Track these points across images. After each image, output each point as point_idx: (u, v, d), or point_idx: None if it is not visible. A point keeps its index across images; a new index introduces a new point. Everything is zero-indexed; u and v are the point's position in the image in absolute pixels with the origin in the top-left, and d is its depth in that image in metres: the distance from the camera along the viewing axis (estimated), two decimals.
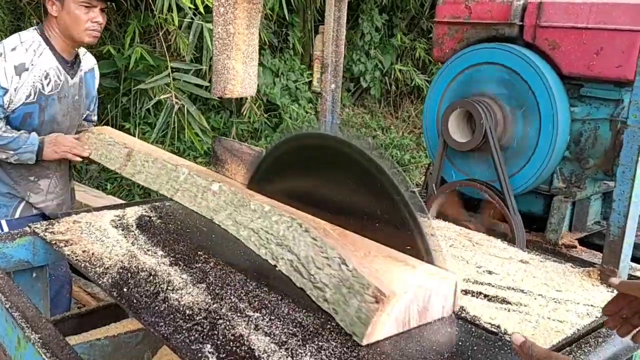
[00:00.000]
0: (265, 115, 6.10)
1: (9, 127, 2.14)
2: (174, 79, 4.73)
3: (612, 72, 2.39)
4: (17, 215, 2.25)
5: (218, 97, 1.86)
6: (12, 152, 2.13)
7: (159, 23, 4.77)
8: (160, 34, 4.74)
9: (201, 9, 4.49)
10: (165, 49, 4.75)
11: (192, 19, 4.74)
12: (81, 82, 2.34)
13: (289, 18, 6.40)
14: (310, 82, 6.66)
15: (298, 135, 1.71)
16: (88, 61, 2.42)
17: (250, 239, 1.56)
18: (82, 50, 2.38)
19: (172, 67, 4.73)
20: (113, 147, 2.15)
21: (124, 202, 3.96)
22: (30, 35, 2.15)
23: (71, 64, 2.26)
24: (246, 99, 5.56)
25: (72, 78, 2.27)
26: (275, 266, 1.47)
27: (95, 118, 2.59)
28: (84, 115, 2.46)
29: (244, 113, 5.64)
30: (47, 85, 2.17)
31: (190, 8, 4.62)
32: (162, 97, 4.75)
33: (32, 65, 2.12)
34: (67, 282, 2.49)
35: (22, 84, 2.10)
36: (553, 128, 2.46)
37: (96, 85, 2.51)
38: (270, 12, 5.74)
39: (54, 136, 2.20)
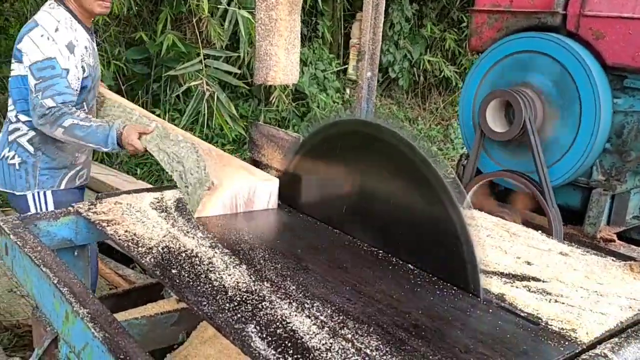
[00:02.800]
0: (294, 104, 6.11)
1: (83, 113, 2.14)
2: (205, 66, 4.76)
3: None
4: (62, 187, 2.31)
5: (260, 84, 1.89)
6: (99, 146, 2.12)
7: (192, 10, 4.79)
8: (194, 20, 4.77)
9: None
10: (198, 35, 4.78)
11: (227, 6, 4.76)
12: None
13: (320, 5, 6.37)
14: (340, 71, 6.65)
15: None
16: None
17: (163, 159, 2.05)
18: None
19: (204, 54, 4.75)
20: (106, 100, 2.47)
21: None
22: (60, 13, 2.16)
23: (92, 32, 2.32)
24: (275, 87, 5.57)
25: (96, 45, 2.34)
26: (172, 176, 2.00)
27: None
28: None
29: (273, 101, 5.65)
30: (89, 57, 2.22)
31: None
32: (192, 83, 4.78)
33: (77, 41, 2.16)
34: (95, 263, 2.53)
35: (77, 60, 2.15)
36: (595, 120, 2.41)
37: None
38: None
39: (132, 137, 2.13)
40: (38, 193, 2.27)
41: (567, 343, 1.22)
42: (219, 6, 4.78)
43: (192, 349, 1.93)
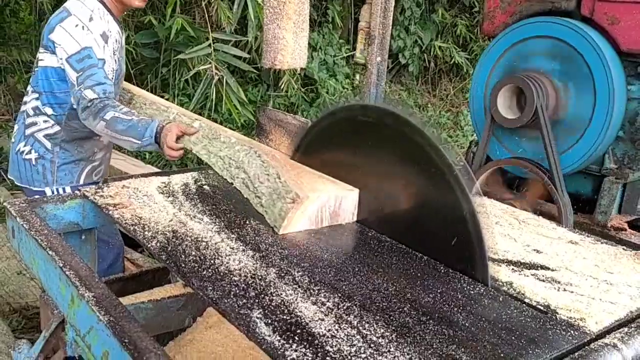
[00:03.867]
0: (303, 90, 6.07)
1: (124, 106, 2.09)
2: (214, 50, 4.74)
3: None
4: (81, 182, 2.28)
5: (268, 68, 1.86)
6: (137, 142, 2.00)
7: None
8: (203, 4, 4.73)
9: None
10: (207, 18, 4.75)
11: None
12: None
13: None
14: (350, 56, 6.59)
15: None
16: None
17: (217, 164, 1.89)
18: None
19: (213, 38, 4.72)
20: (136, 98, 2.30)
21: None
22: (93, 3, 2.13)
23: (121, 26, 2.29)
24: (284, 72, 5.53)
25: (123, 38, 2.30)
26: (232, 183, 1.84)
27: None
28: None
29: (282, 87, 5.62)
30: (118, 50, 2.20)
31: None
32: (201, 68, 4.76)
33: (110, 32, 2.13)
34: (122, 251, 2.54)
35: (111, 51, 2.13)
36: (608, 106, 2.37)
37: None
38: None
39: (165, 128, 2.02)
40: (56, 190, 2.24)
41: (575, 332, 1.21)
42: None
43: (197, 334, 1.94)
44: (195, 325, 1.99)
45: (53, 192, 2.23)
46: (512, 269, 1.49)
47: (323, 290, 1.27)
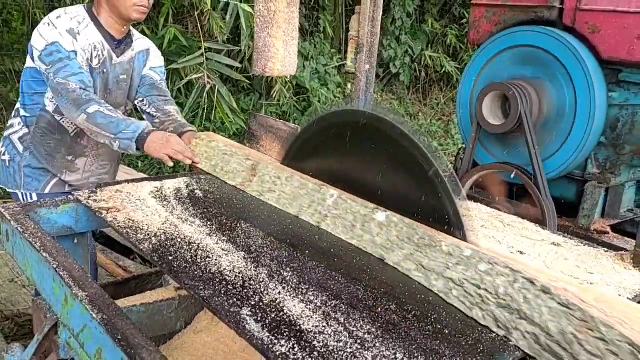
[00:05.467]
0: (295, 99, 6.13)
1: (110, 105, 2.06)
2: (207, 59, 4.79)
3: None
4: (47, 191, 2.24)
5: (260, 77, 1.89)
6: (111, 136, 1.99)
7: (193, 3, 4.81)
8: (196, 14, 4.78)
9: None
10: (200, 28, 4.80)
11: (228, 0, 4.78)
12: (131, 63, 2.27)
13: (324, 0, 6.39)
14: (342, 66, 6.66)
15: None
16: (142, 43, 2.34)
17: (452, 292, 1.20)
18: (136, 35, 2.32)
19: (205, 47, 4.77)
20: (231, 157, 1.90)
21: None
22: (75, 9, 2.14)
23: (119, 43, 2.21)
24: (276, 81, 5.59)
25: (118, 57, 2.21)
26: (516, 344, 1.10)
27: (174, 112, 2.33)
28: (133, 99, 2.36)
29: (274, 96, 5.67)
30: (95, 58, 2.14)
31: None
32: (194, 76, 4.81)
33: (79, 32, 2.09)
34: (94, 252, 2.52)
35: (81, 46, 2.08)
36: (590, 113, 2.43)
37: (150, 66, 2.35)
38: None
39: (164, 134, 2.02)
40: (25, 194, 2.23)
41: None
42: (220, 0, 4.80)
43: (188, 338, 1.95)
44: (185, 329, 2.01)
45: (23, 196, 2.23)
46: None
47: (312, 289, 1.30)
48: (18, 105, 2.23)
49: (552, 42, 2.56)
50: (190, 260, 1.41)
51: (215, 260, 1.42)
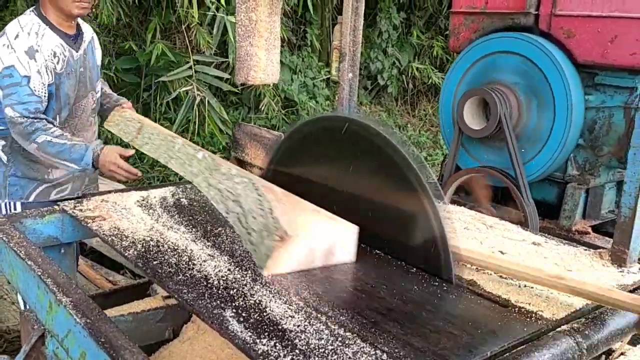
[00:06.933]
0: (283, 112, 6.17)
1: (58, 129, 2.12)
2: (195, 72, 4.83)
3: (627, 60, 2.40)
4: (31, 199, 2.25)
5: (241, 84, 1.94)
6: (64, 163, 2.09)
7: (180, 18, 4.86)
8: (183, 27, 4.83)
9: (223, 2, 4.57)
10: (188, 43, 4.85)
11: (216, 11, 4.83)
12: (85, 55, 2.32)
13: (310, 14, 6.46)
14: (328, 79, 6.72)
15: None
16: (87, 32, 2.39)
17: (215, 197, 1.72)
18: (80, 21, 2.34)
19: (194, 60, 4.82)
20: (130, 122, 2.27)
21: None
22: (28, 19, 2.14)
23: (74, 38, 2.25)
24: (265, 95, 5.63)
25: (76, 51, 2.25)
26: (226, 217, 1.65)
27: (106, 88, 2.56)
28: (95, 88, 2.43)
29: (262, 109, 5.71)
30: (57, 63, 2.16)
31: (212, 2, 4.70)
32: (183, 89, 4.84)
33: (39, 46, 2.11)
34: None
35: (39, 66, 2.10)
36: (567, 116, 2.48)
37: (98, 55, 2.45)
38: (288, 9, 5.82)
39: (112, 156, 2.11)
40: (8, 204, 2.23)
41: (533, 323, 1.27)
42: (207, 13, 4.86)
43: (174, 348, 1.95)
44: (174, 340, 2.02)
45: (6, 205, 2.23)
46: (476, 268, 1.56)
47: (294, 291, 1.32)
48: None
49: (529, 48, 2.62)
50: (174, 265, 1.43)
51: (200, 265, 1.44)
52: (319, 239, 1.50)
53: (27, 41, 2.10)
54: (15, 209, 2.23)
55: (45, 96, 2.13)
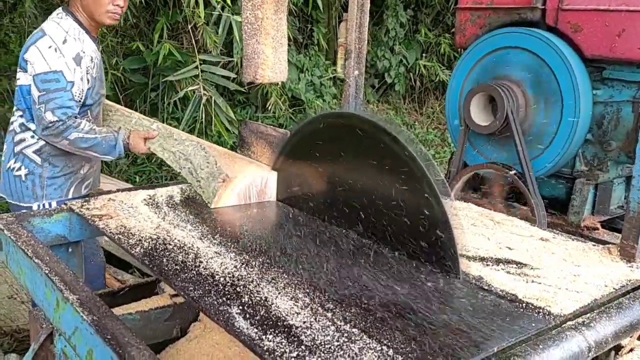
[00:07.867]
0: (290, 110, 6.17)
1: (87, 124, 2.18)
2: (202, 71, 4.84)
3: (635, 53, 2.38)
4: (69, 196, 2.31)
5: (248, 83, 1.96)
6: (96, 154, 2.21)
7: (187, 18, 4.88)
8: (189, 27, 4.84)
9: (228, 2, 4.58)
10: (194, 43, 4.86)
11: (221, 11, 4.84)
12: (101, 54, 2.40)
13: (317, 13, 6.46)
14: (335, 77, 6.72)
15: None
16: None
17: (169, 158, 2.14)
18: None
19: (200, 60, 4.83)
20: (116, 112, 2.56)
21: None
22: (68, 23, 2.18)
23: (97, 41, 2.33)
24: (272, 94, 5.63)
25: (100, 53, 2.35)
26: (179, 173, 2.10)
27: None
28: None
29: (269, 108, 5.72)
30: (93, 68, 2.23)
31: (217, 2, 4.71)
32: (190, 89, 4.85)
33: (84, 52, 2.17)
34: (104, 268, 2.56)
35: (83, 72, 2.16)
36: (575, 111, 2.46)
37: None
38: (295, 8, 5.82)
39: (141, 145, 2.25)
40: (44, 205, 2.26)
41: (541, 318, 1.26)
42: (213, 12, 4.87)
43: (182, 346, 1.96)
44: (182, 339, 2.02)
45: (40, 207, 2.25)
46: (484, 264, 1.55)
47: (300, 287, 1.32)
48: (22, 121, 2.25)
49: (536, 43, 2.60)
50: (181, 262, 1.43)
51: (206, 262, 1.44)
52: (252, 179, 1.93)
53: (74, 47, 2.16)
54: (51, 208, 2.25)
55: (81, 101, 2.20)
